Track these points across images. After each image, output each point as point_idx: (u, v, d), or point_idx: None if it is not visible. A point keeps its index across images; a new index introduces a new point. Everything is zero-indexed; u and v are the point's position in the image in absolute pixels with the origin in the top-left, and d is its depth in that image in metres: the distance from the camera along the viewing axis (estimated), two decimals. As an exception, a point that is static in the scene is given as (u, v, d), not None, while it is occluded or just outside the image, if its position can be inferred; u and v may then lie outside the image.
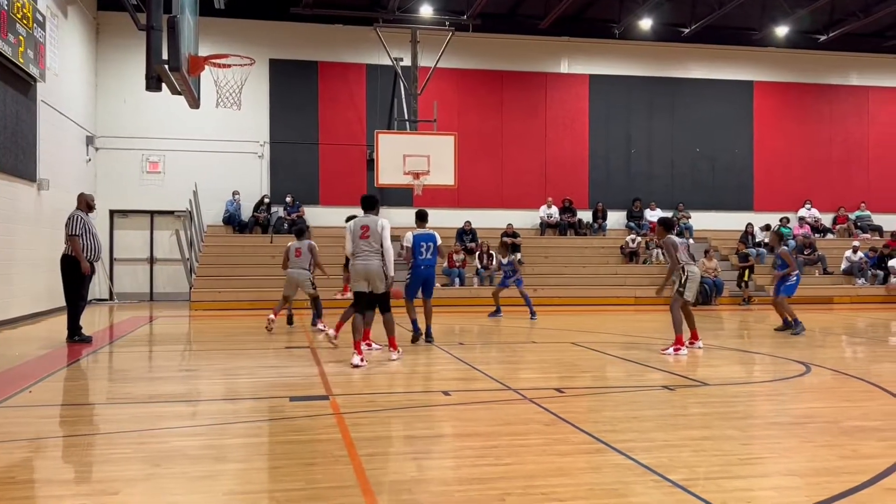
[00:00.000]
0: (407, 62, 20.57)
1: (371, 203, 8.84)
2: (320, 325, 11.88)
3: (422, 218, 10.58)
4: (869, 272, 20.82)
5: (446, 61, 20.68)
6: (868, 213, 23.77)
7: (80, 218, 10.41)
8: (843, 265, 21.06)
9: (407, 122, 20.27)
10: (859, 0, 21.43)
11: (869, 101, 24.19)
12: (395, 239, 10.05)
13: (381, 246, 8.41)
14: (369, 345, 9.24)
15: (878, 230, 23.33)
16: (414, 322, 10.39)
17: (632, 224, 22.31)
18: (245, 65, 10.41)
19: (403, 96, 20.74)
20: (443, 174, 18.64)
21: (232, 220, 20.69)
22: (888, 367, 9.04)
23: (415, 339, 10.29)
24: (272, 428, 5.66)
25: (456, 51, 21.01)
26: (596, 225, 22.33)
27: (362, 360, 8.22)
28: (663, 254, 10.33)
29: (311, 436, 5.29)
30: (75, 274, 10.27)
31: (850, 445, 4.97)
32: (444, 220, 20.41)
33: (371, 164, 19.75)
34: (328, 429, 5.46)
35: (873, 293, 20.36)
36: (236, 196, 20.72)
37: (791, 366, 8.59)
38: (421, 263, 10.12)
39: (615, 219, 22.85)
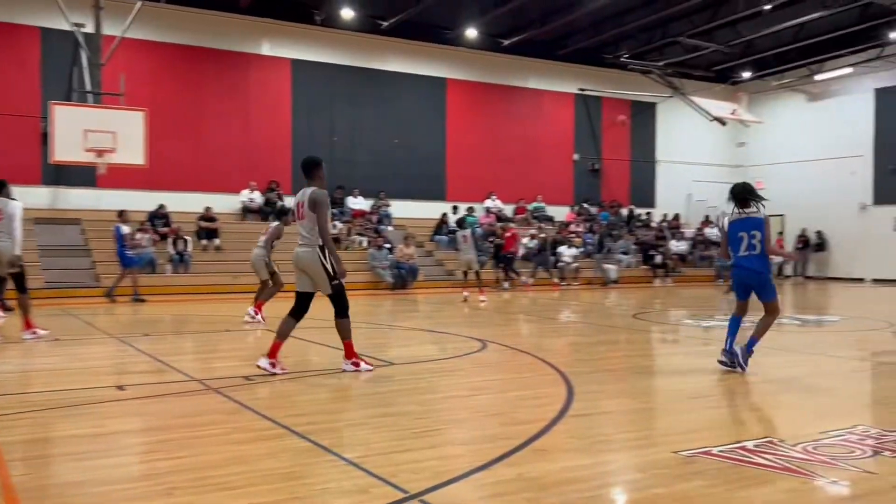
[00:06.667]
0: (90, 29, 18.72)
1: (308, 166, 6.96)
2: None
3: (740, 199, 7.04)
4: (542, 257, 23.21)
5: (137, 32, 19.21)
6: (543, 205, 26.48)
7: None
8: (520, 251, 23.24)
9: (89, 95, 18.46)
10: (538, 9, 23.15)
11: (543, 104, 26.89)
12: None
13: None
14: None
15: (550, 220, 26.09)
16: None
17: (334, 211, 22.53)
18: None
19: (86, 66, 18.84)
20: (131, 153, 17.32)
21: None
22: (552, 342, 10.17)
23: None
24: None
25: (149, 22, 19.62)
26: (298, 211, 22.21)
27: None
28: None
29: (-54, 445, 4.57)
30: None
31: (510, 413, 5.46)
32: (135, 202, 19.03)
33: (46, 137, 17.71)
34: (-30, 436, 4.77)
35: (545, 277, 22.66)
36: None
37: (471, 343, 9.26)
38: (739, 262, 6.98)
39: (317, 205, 22.89)
